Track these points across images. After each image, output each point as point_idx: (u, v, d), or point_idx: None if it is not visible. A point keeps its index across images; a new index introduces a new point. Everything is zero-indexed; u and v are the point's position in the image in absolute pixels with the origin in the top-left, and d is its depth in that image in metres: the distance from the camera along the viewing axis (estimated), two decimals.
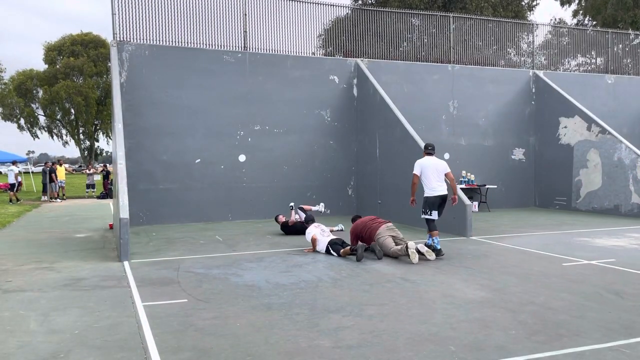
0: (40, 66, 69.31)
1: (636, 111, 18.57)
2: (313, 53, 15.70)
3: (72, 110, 53.70)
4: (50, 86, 50.85)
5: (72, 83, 51.04)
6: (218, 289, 6.28)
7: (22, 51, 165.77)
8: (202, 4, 13.80)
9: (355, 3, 31.64)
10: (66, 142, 59.14)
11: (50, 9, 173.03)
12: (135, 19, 13.23)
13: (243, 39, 14.24)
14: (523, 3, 33.23)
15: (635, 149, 13.97)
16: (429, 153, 8.66)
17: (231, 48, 14.09)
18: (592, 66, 20.35)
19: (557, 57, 19.43)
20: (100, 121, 56.03)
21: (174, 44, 13.67)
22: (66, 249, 9.59)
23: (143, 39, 13.33)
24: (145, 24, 13.35)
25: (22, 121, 55.12)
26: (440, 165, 8.53)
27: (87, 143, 59.28)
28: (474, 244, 9.57)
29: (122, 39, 13.13)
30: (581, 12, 37.17)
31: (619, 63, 19.69)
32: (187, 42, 13.77)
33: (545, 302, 5.56)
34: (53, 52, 52.79)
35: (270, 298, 5.85)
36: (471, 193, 15.70)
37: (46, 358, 4.18)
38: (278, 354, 4.17)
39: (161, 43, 13.51)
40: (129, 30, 13.19)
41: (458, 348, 4.25)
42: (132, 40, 13.23)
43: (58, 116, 55.97)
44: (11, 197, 21.82)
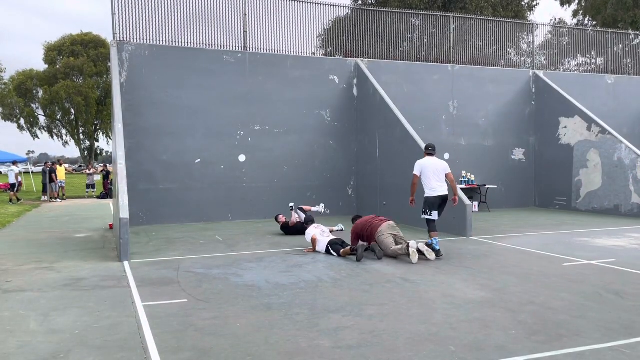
0: (40, 66, 69.45)
1: (636, 111, 18.58)
2: (313, 53, 15.70)
3: (72, 110, 53.72)
4: (50, 86, 50.87)
5: (72, 83, 51.06)
6: (218, 289, 6.28)
7: (22, 51, 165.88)
8: (202, 4, 13.81)
9: (355, 3, 31.65)
10: (66, 142, 59.26)
11: (50, 9, 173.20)
12: (135, 19, 13.25)
13: (243, 39, 14.25)
14: (523, 3, 33.23)
15: (635, 149, 13.97)
16: (430, 154, 8.66)
17: (231, 48, 14.10)
18: (592, 66, 20.35)
19: (557, 57, 19.44)
20: (100, 121, 56.06)
21: (174, 44, 13.68)
22: (66, 249, 9.59)
23: (143, 39, 13.34)
24: (145, 24, 13.36)
25: (22, 121, 55.17)
26: (440, 165, 8.52)
27: (87, 143, 59.33)
28: (474, 244, 9.57)
29: (122, 39, 13.13)
30: (581, 12, 37.17)
31: (619, 63, 19.69)
32: (187, 42, 13.78)
33: (545, 302, 5.56)
34: (53, 52, 52.81)
35: (270, 298, 5.85)
36: (471, 193, 15.70)
37: (46, 358, 4.18)
38: (278, 354, 4.17)
39: (161, 43, 13.52)
40: (129, 30, 13.21)
41: (458, 348, 4.25)
42: (132, 40, 13.24)
43: (58, 116, 55.98)
44: (11, 197, 21.83)
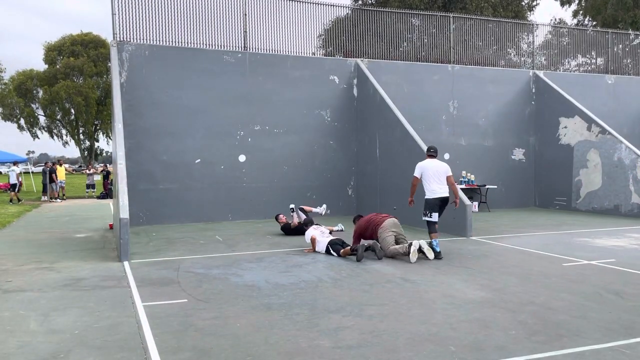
0: (40, 66, 69.41)
1: (636, 111, 18.58)
2: (313, 53, 15.70)
3: (72, 110, 53.70)
4: (50, 86, 50.86)
5: (72, 83, 51.05)
6: (218, 289, 6.28)
7: (22, 51, 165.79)
8: (202, 4, 13.81)
9: (355, 3, 31.65)
10: (66, 142, 59.23)
11: (50, 9, 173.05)
12: (135, 19, 13.24)
13: (243, 39, 14.25)
14: (523, 3, 33.23)
15: (635, 149, 13.97)
16: (431, 155, 8.66)
17: (231, 48, 14.10)
18: (592, 66, 20.34)
19: (557, 57, 19.44)
20: (100, 121, 56.04)
21: (174, 44, 13.68)
22: (66, 249, 9.59)
23: (143, 39, 13.34)
24: (145, 24, 13.36)
25: (22, 121, 55.16)
26: (441, 168, 8.50)
27: (87, 143, 59.31)
28: (474, 244, 9.57)
29: (122, 39, 13.13)
30: (581, 12, 37.15)
31: (619, 63, 19.69)
32: (187, 42, 13.78)
33: (545, 302, 5.56)
34: (53, 52, 52.79)
35: (270, 298, 5.85)
36: (471, 193, 15.70)
37: (46, 358, 4.18)
38: (278, 354, 4.17)
39: (161, 43, 13.52)
40: (129, 30, 13.21)
41: (458, 348, 4.25)
42: (132, 40, 13.23)
43: (58, 116, 55.98)
44: (12, 197, 21.83)
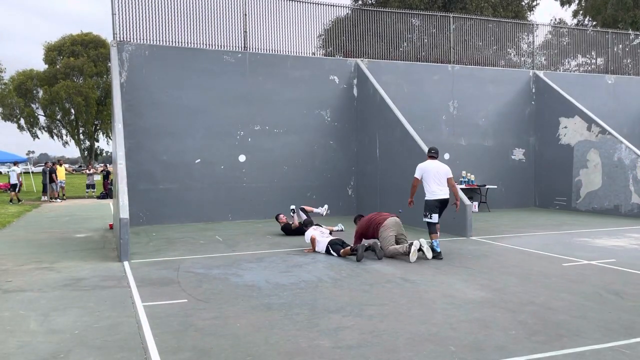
0: (40, 66, 69.43)
1: (636, 111, 18.58)
2: (313, 53, 15.70)
3: (72, 110, 53.69)
4: (50, 86, 50.85)
5: (72, 83, 51.04)
6: (218, 289, 6.28)
7: (22, 51, 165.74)
8: (202, 4, 13.80)
9: (355, 3, 31.65)
10: (66, 142, 59.21)
11: (50, 9, 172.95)
12: (135, 19, 13.24)
13: (243, 39, 14.25)
14: (523, 3, 33.22)
15: (635, 149, 13.97)
16: (432, 157, 8.66)
17: (231, 48, 14.09)
18: (592, 66, 20.34)
19: (557, 57, 19.44)
20: (100, 121, 56.03)
21: (174, 44, 13.68)
22: (66, 249, 9.59)
23: (143, 39, 13.34)
24: (145, 24, 13.36)
25: (22, 121, 55.14)
26: (442, 169, 8.49)
27: (87, 143, 59.29)
28: (474, 244, 9.57)
29: (122, 39, 13.13)
30: (581, 13, 37.15)
31: (619, 63, 19.69)
32: (187, 42, 13.78)
33: (545, 302, 5.56)
34: (53, 52, 52.78)
35: (270, 298, 5.85)
36: (471, 193, 15.70)
37: (46, 358, 4.18)
38: (278, 354, 4.17)
39: (161, 43, 13.52)
40: (129, 30, 13.21)
41: (458, 348, 4.25)
42: (132, 40, 13.23)
43: (58, 116, 55.97)
44: (12, 197, 21.83)
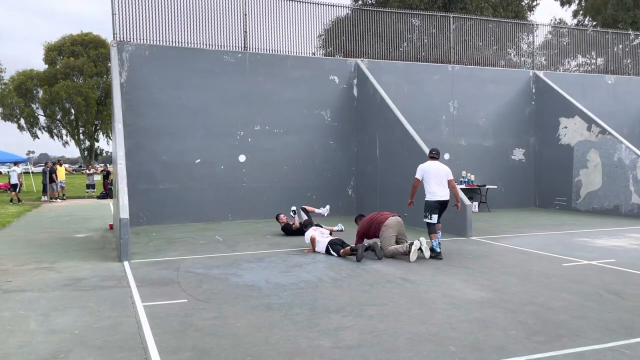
0: (40, 66, 69.46)
1: (636, 111, 18.57)
2: (313, 53, 15.70)
3: (72, 110, 53.68)
4: (50, 86, 50.84)
5: (72, 83, 51.03)
6: (218, 289, 6.28)
7: (22, 51, 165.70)
8: (202, 4, 13.80)
9: (355, 3, 31.65)
10: (66, 142, 59.19)
11: (50, 9, 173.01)
12: (135, 19, 13.24)
13: (243, 39, 14.24)
14: (523, 3, 33.22)
15: (635, 149, 13.97)
16: (433, 157, 8.67)
17: (231, 48, 14.09)
18: (592, 66, 20.34)
19: (557, 58, 19.44)
20: (100, 121, 56.02)
21: (174, 44, 13.68)
22: (66, 249, 9.59)
23: (143, 39, 13.34)
24: (145, 24, 13.36)
25: (22, 121, 55.13)
26: (443, 170, 8.50)
27: (87, 143, 59.27)
28: (474, 244, 9.57)
29: (122, 39, 13.13)
30: (581, 13, 37.14)
31: (619, 63, 19.69)
32: (187, 42, 13.78)
33: (545, 302, 5.56)
34: (53, 52, 52.77)
35: (270, 298, 5.85)
36: (471, 193, 15.70)
37: (46, 358, 4.18)
38: (278, 354, 4.17)
39: (161, 43, 13.52)
40: (129, 30, 13.20)
41: (458, 348, 4.25)
42: (132, 40, 13.23)
43: (58, 116, 55.96)
44: (12, 198, 21.82)
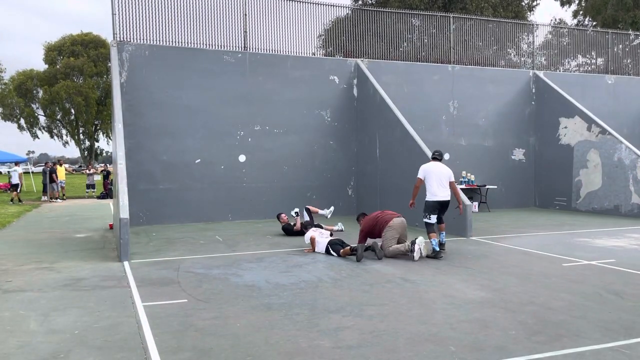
0: (40, 66, 69.48)
1: (636, 111, 18.57)
2: (313, 53, 15.70)
3: (72, 110, 53.69)
4: (50, 86, 50.84)
5: (72, 83, 51.04)
6: (218, 289, 6.28)
7: (22, 51, 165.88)
8: (202, 4, 13.81)
9: (355, 3, 31.65)
10: (66, 142, 59.20)
11: (50, 9, 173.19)
12: (135, 19, 13.24)
13: (243, 39, 14.25)
14: (523, 3, 33.22)
15: (635, 149, 13.97)
16: (436, 159, 8.73)
17: (231, 48, 14.09)
18: (592, 66, 20.34)
19: (557, 58, 19.43)
20: (100, 121, 56.03)
21: (174, 44, 13.68)
22: (66, 249, 9.59)
23: (143, 39, 13.34)
24: (145, 24, 13.36)
25: (22, 121, 55.14)
26: (444, 172, 8.54)
27: (87, 143, 59.27)
28: (474, 244, 9.57)
29: (122, 39, 13.13)
30: (581, 13, 37.14)
31: (619, 63, 19.69)
32: (187, 42, 13.78)
33: (545, 302, 5.56)
34: (53, 52, 52.77)
35: (270, 298, 5.85)
36: (471, 193, 15.70)
37: (46, 358, 4.18)
38: (278, 354, 4.17)
39: (161, 43, 13.52)
40: (129, 30, 13.21)
41: (458, 348, 4.25)
42: (132, 40, 13.23)
43: (58, 116, 55.96)
44: (13, 198, 21.81)
